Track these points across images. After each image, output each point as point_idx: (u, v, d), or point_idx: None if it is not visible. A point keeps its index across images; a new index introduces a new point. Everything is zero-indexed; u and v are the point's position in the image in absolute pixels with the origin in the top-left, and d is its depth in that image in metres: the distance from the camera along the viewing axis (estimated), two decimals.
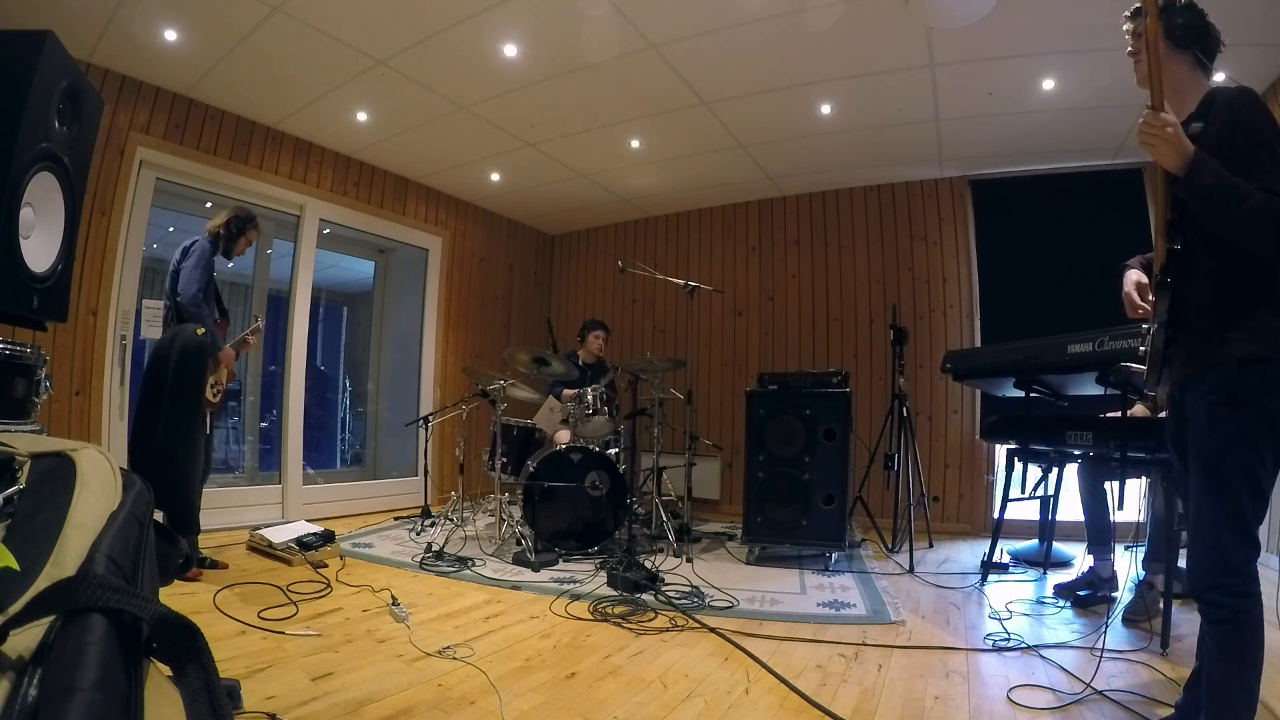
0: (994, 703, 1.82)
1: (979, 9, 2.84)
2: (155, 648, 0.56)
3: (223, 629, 2.21)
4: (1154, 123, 1.32)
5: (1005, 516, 3.17)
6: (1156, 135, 1.32)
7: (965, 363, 3.33)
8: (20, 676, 0.46)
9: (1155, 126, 1.32)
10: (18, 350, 1.63)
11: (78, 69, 1.72)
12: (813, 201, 5.39)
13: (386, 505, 4.95)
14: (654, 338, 6.05)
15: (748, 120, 4.14)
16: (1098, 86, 3.46)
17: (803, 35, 3.16)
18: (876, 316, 5.02)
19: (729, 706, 1.79)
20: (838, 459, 3.46)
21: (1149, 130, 1.33)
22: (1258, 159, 1.28)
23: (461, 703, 1.76)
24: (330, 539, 3.36)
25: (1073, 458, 2.98)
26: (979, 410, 4.67)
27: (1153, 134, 1.33)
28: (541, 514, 3.53)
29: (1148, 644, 2.25)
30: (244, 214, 3.23)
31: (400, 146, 4.68)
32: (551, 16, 3.10)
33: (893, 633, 2.44)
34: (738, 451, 4.48)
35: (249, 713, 1.60)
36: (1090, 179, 4.50)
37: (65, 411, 3.34)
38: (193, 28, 3.19)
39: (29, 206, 1.57)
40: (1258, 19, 2.84)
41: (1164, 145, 1.32)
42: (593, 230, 6.56)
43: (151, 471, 1.79)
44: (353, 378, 5.87)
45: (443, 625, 2.40)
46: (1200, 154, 1.30)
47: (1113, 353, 2.32)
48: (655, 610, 2.61)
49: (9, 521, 0.63)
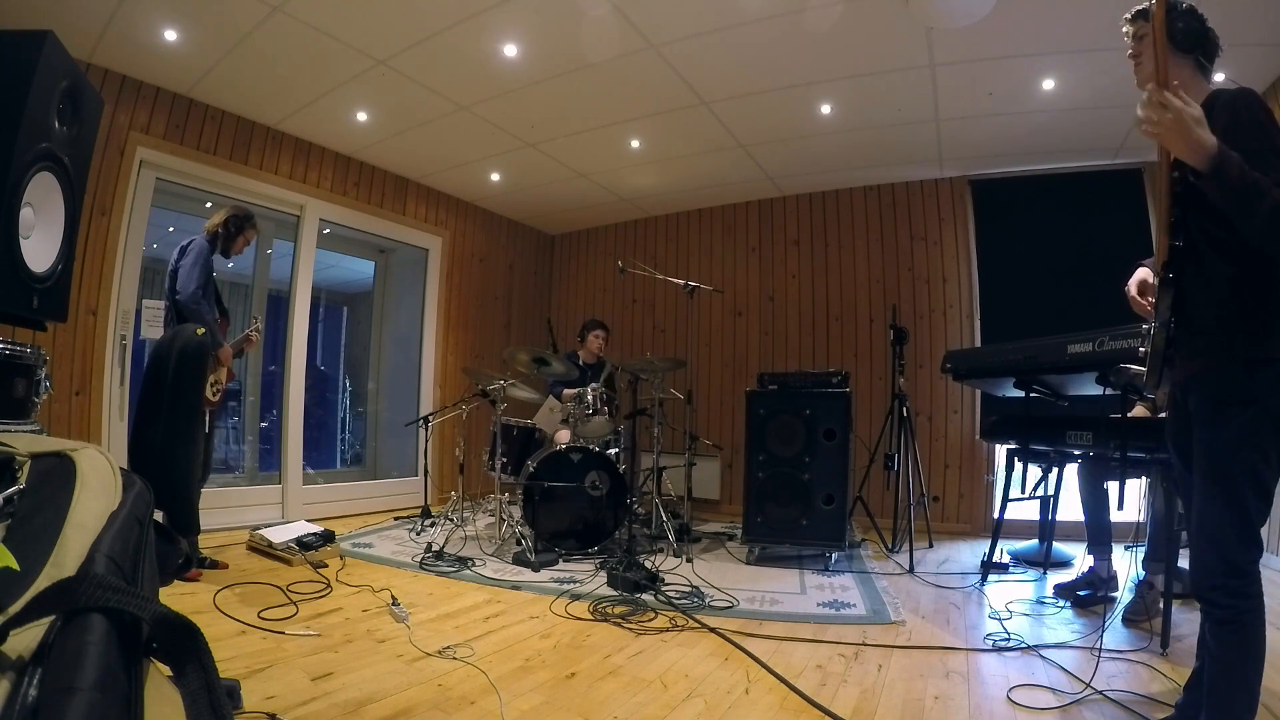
0: (994, 703, 1.82)
1: (979, 9, 2.84)
2: (155, 648, 0.56)
3: (223, 629, 2.21)
4: (1158, 99, 1.26)
5: (1005, 516, 3.17)
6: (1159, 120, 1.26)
7: (965, 363, 3.33)
8: (20, 676, 0.46)
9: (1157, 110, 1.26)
10: (18, 350, 1.63)
11: (78, 69, 1.72)
12: (813, 201, 5.39)
13: (386, 505, 4.95)
14: (654, 338, 6.05)
15: (748, 120, 4.14)
16: (1098, 86, 3.46)
17: (803, 35, 3.16)
18: (876, 316, 5.02)
19: (729, 706, 1.79)
20: (838, 459, 3.46)
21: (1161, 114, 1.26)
22: (1263, 157, 1.26)
23: (461, 703, 1.76)
24: (330, 539, 3.36)
25: (1073, 458, 2.98)
26: (979, 410, 4.67)
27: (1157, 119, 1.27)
28: (541, 514, 3.53)
29: (1148, 644, 2.25)
30: (242, 213, 3.23)
31: (400, 146, 4.68)
32: (551, 16, 3.10)
33: (893, 633, 2.44)
34: (738, 451, 4.48)
35: (249, 713, 1.60)
36: (1090, 179, 4.51)
37: (65, 411, 3.34)
38: (193, 28, 3.19)
39: (29, 206, 1.57)
40: (1258, 19, 2.84)
41: (1176, 134, 1.25)
42: (593, 230, 6.56)
43: (151, 471, 1.79)
44: (353, 378, 5.87)
45: (443, 625, 2.40)
46: (1224, 147, 1.24)
47: (1113, 353, 2.32)
48: (655, 610, 2.61)
49: (9, 521, 0.63)
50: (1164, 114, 1.26)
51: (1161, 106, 1.27)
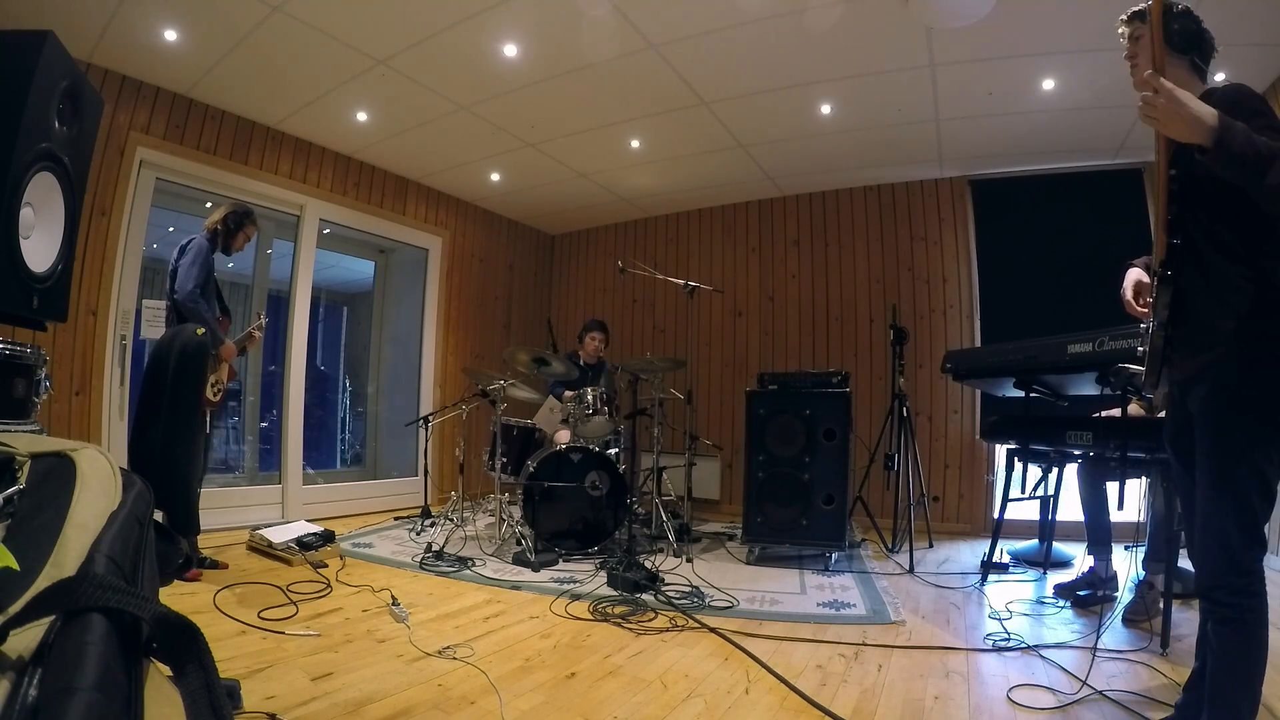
0: (994, 703, 1.82)
1: (979, 9, 2.84)
2: (155, 648, 0.56)
3: (223, 629, 2.21)
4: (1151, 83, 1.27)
5: (1005, 516, 3.17)
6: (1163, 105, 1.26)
7: (965, 363, 3.33)
8: (20, 676, 0.46)
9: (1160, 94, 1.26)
10: (18, 350, 1.63)
11: (78, 69, 1.72)
12: (813, 201, 5.39)
13: (386, 505, 4.95)
14: (654, 338, 6.05)
15: (748, 120, 4.14)
16: (1098, 86, 3.46)
17: (803, 35, 3.16)
18: (876, 316, 5.02)
19: (729, 706, 1.79)
20: (838, 459, 3.46)
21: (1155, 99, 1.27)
22: (1265, 135, 1.26)
23: (461, 703, 1.76)
24: (330, 539, 3.36)
25: (1073, 458, 2.97)
26: (979, 410, 4.67)
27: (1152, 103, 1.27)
28: (541, 514, 3.53)
29: (1148, 644, 2.25)
30: (241, 209, 3.22)
31: (400, 146, 4.68)
32: (551, 17, 3.10)
33: (893, 633, 2.44)
34: (738, 451, 4.48)
35: (249, 713, 1.60)
36: (1090, 179, 4.51)
37: (65, 411, 3.34)
38: (193, 28, 3.19)
39: (29, 206, 1.57)
40: (1257, 19, 2.84)
41: (1174, 116, 1.25)
42: (593, 230, 6.56)
43: (152, 471, 1.79)
44: (353, 378, 5.87)
45: (443, 625, 2.40)
46: (1225, 118, 1.22)
47: (1113, 353, 2.32)
48: (655, 610, 2.61)
49: (9, 521, 0.63)
50: (1156, 97, 1.26)
51: (1153, 90, 1.27)
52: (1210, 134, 1.23)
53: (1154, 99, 1.27)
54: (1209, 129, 1.23)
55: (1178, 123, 1.26)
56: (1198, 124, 1.24)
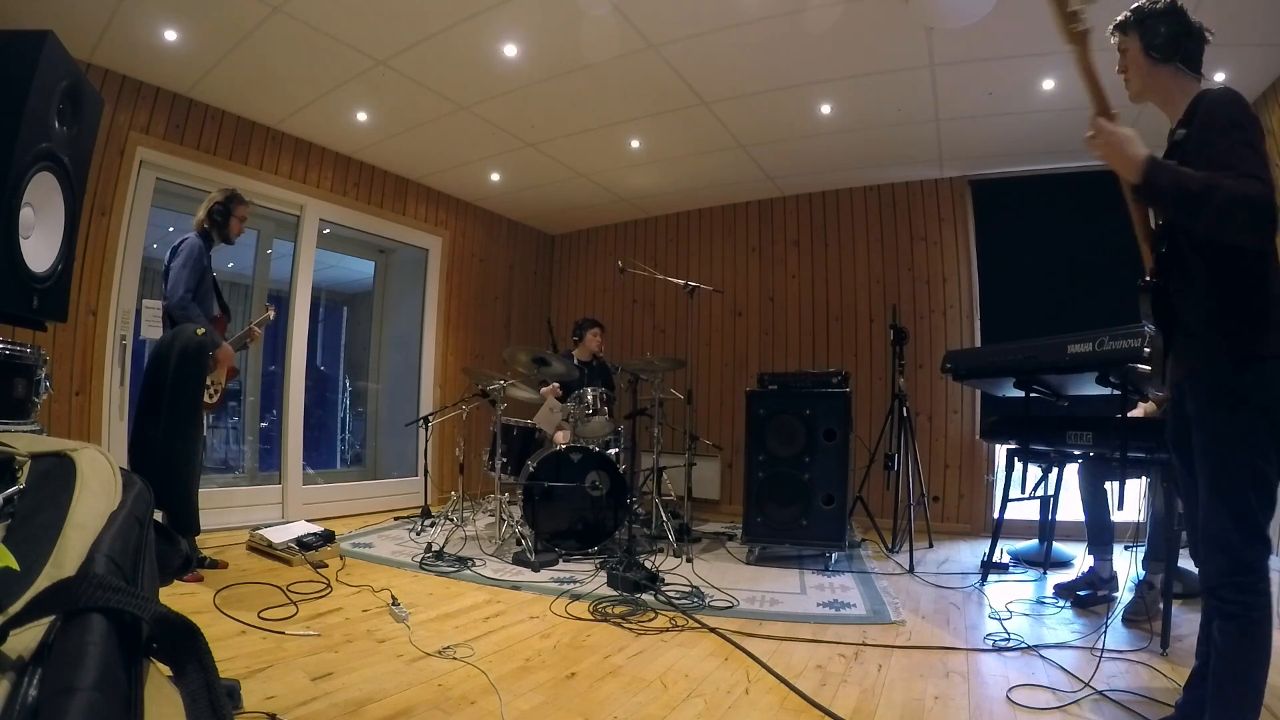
0: (994, 703, 1.82)
1: (979, 9, 2.84)
2: (155, 648, 0.56)
3: (223, 629, 2.21)
4: (1094, 126, 1.40)
5: (1005, 516, 3.17)
6: (1101, 144, 1.40)
7: (965, 363, 3.33)
8: (20, 676, 0.46)
9: (1098, 135, 1.40)
10: (18, 350, 1.63)
11: (78, 69, 1.72)
12: (813, 201, 5.39)
13: (386, 505, 4.95)
14: (654, 338, 6.05)
15: (748, 120, 4.13)
16: None
17: (803, 35, 3.16)
18: (876, 316, 5.02)
19: (729, 706, 1.79)
20: (838, 459, 3.46)
21: (1094, 141, 1.41)
22: (1234, 150, 1.29)
23: (461, 703, 1.76)
24: (330, 539, 3.36)
25: (1073, 458, 2.97)
26: (979, 410, 4.67)
27: (1099, 144, 1.40)
28: (541, 514, 3.53)
29: (1148, 644, 2.25)
30: (225, 194, 3.12)
31: (400, 146, 4.68)
32: (551, 16, 3.10)
33: (893, 633, 2.44)
34: (738, 451, 4.48)
35: (249, 713, 1.60)
36: (1090, 179, 4.49)
37: (65, 411, 3.34)
38: (193, 28, 3.19)
39: (29, 206, 1.57)
40: (1258, 19, 2.84)
41: (1113, 154, 1.38)
42: (593, 230, 6.56)
43: (152, 471, 1.79)
44: (353, 378, 5.87)
45: (443, 625, 2.40)
46: (1153, 159, 1.35)
47: (1113, 353, 2.32)
48: (655, 610, 2.61)
49: (9, 521, 0.63)
50: (1097, 138, 1.40)
51: (1095, 132, 1.41)
52: (1139, 174, 1.35)
53: (1095, 140, 1.41)
54: (1138, 169, 1.35)
55: (1115, 161, 1.39)
56: (1131, 164, 1.36)
